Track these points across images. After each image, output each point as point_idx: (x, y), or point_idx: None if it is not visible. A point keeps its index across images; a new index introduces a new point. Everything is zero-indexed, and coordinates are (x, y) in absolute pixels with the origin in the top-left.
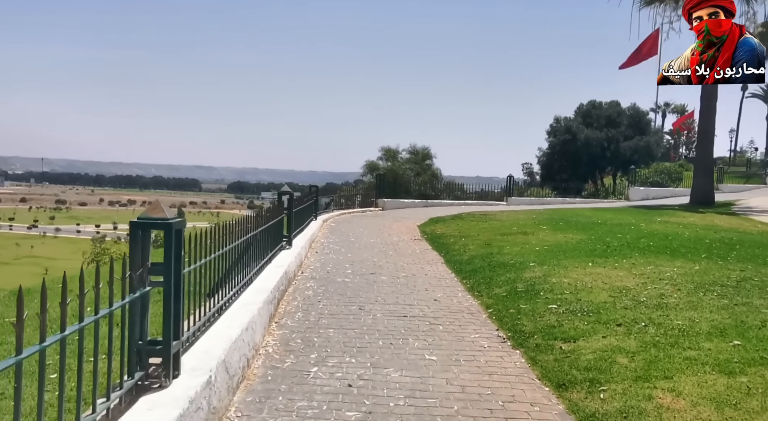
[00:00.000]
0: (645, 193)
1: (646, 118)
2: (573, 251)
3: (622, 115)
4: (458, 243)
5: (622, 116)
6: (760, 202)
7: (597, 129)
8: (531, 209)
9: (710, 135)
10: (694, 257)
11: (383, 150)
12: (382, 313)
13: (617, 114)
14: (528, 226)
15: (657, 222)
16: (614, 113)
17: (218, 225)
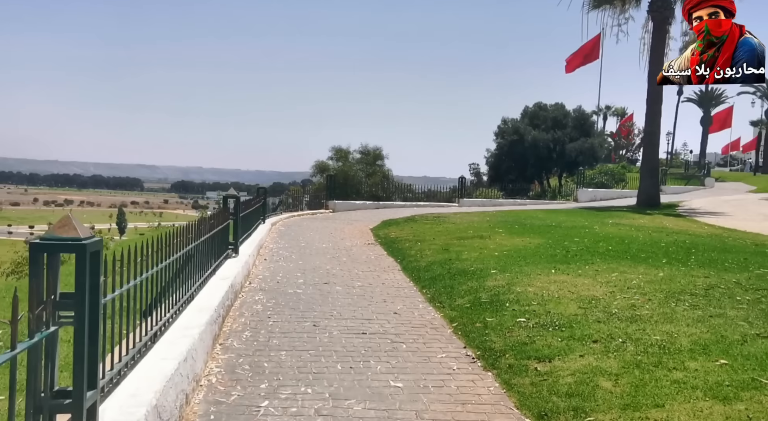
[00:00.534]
0: (593, 194)
1: (590, 120)
2: (533, 256)
3: (567, 117)
4: (414, 248)
5: (568, 118)
6: (702, 203)
7: (544, 131)
8: (484, 211)
9: (656, 138)
10: (656, 262)
11: (334, 150)
12: (338, 330)
13: (563, 116)
14: (484, 229)
15: (609, 224)
16: (560, 115)
17: (153, 238)
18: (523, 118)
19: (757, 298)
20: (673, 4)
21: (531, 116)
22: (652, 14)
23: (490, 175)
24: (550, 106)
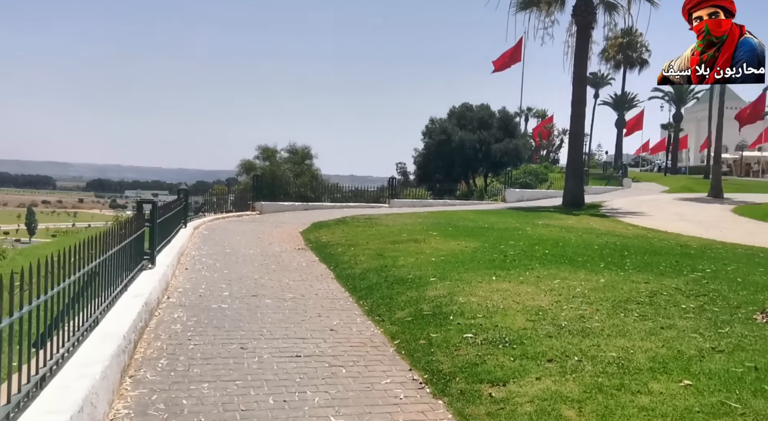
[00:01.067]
0: (520, 194)
1: (515, 121)
2: (471, 261)
3: (493, 118)
4: (347, 253)
5: (493, 119)
6: (623, 203)
7: (470, 131)
8: (415, 212)
9: (580, 139)
10: (594, 267)
11: (260, 149)
12: (269, 352)
13: (489, 117)
14: (417, 232)
15: (540, 226)
16: (486, 116)
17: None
18: (451, 119)
19: (700, 305)
20: (595, 8)
21: (458, 116)
22: (576, 18)
23: (418, 175)
24: (476, 107)
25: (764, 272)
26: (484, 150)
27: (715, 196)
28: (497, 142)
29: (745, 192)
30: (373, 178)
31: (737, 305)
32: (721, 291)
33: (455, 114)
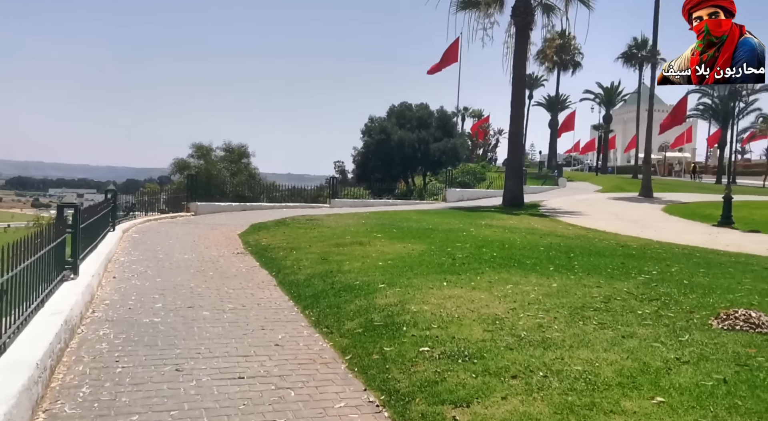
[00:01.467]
0: (461, 194)
1: (453, 121)
2: (420, 265)
3: (431, 118)
4: (290, 257)
5: (432, 118)
6: (560, 203)
7: (409, 130)
8: (356, 212)
9: (520, 139)
10: (544, 270)
11: (195, 147)
12: (209, 374)
13: (428, 116)
14: (361, 234)
15: (483, 226)
16: (425, 115)
17: None
18: (390, 117)
19: (655, 310)
20: (534, 10)
21: (397, 115)
22: (515, 19)
23: (357, 174)
24: (415, 106)
25: (706, 273)
26: (423, 149)
27: (646, 195)
28: (436, 141)
29: (672, 191)
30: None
31: (690, 309)
32: (672, 295)
33: (395, 113)
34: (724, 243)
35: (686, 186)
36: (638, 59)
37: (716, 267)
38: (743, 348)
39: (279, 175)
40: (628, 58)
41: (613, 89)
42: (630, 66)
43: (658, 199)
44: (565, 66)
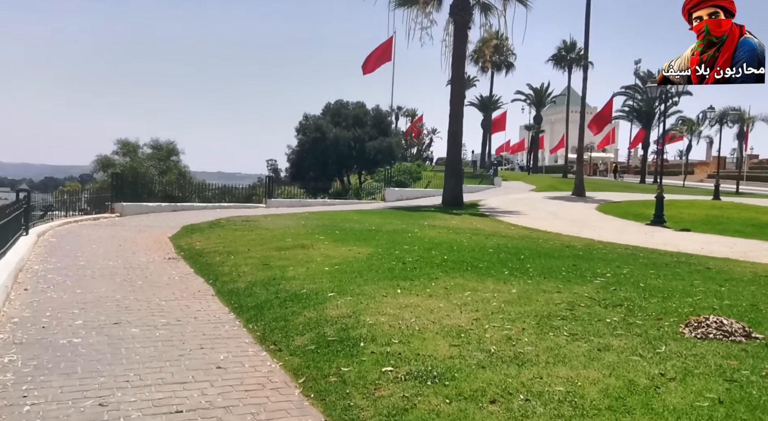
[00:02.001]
0: (399, 193)
1: (388, 119)
2: (369, 271)
3: (367, 116)
4: (227, 263)
5: (368, 117)
6: (498, 202)
7: (345, 128)
8: (294, 213)
9: (459, 138)
10: (499, 274)
11: (120, 143)
12: (140, 409)
13: (363, 114)
14: (302, 236)
15: (427, 227)
16: (361, 113)
17: None
18: (325, 115)
19: (622, 318)
20: (472, 8)
21: (333, 113)
22: (454, 17)
23: (291, 173)
24: (351, 104)
25: (656, 274)
26: (359, 148)
27: (579, 194)
28: (371, 140)
29: (601, 191)
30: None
31: (657, 316)
32: (633, 300)
33: (330, 111)
34: (661, 242)
35: (614, 186)
36: (567, 62)
37: (664, 268)
38: (724, 360)
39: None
40: (558, 60)
41: (542, 90)
42: (560, 68)
43: (591, 199)
44: (499, 67)
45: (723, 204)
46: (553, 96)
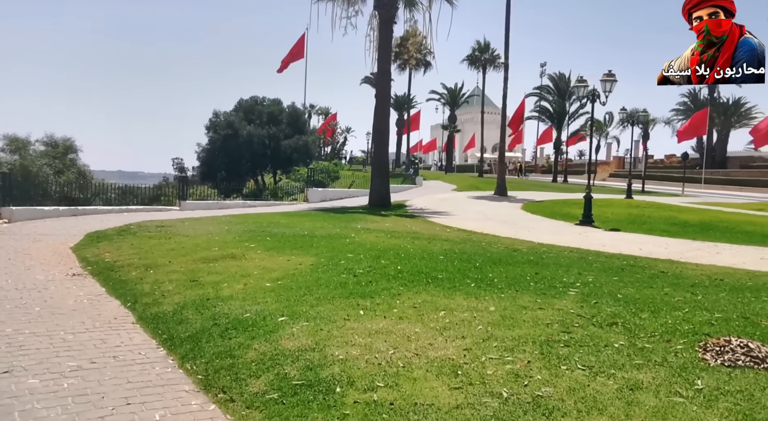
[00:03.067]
0: (323, 194)
1: (304, 117)
2: (318, 286)
3: (283, 114)
4: (147, 279)
5: (283, 114)
6: (424, 202)
7: (259, 126)
8: (213, 216)
9: (385, 136)
10: (465, 287)
11: (8, 139)
12: None
13: (279, 112)
14: (231, 244)
15: (362, 231)
16: (276, 111)
17: None
18: (238, 112)
19: (629, 341)
20: (397, 2)
21: (246, 110)
22: (379, 11)
23: (202, 172)
24: (266, 101)
25: (621, 281)
26: (274, 146)
27: (501, 194)
28: (287, 138)
29: (521, 190)
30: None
31: (662, 337)
32: (623, 315)
33: (243, 107)
34: (599, 243)
35: (532, 185)
36: (482, 62)
37: (623, 274)
38: None
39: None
40: (472, 60)
41: (456, 90)
42: (474, 68)
43: (514, 198)
44: (417, 65)
45: (638, 203)
46: (466, 96)
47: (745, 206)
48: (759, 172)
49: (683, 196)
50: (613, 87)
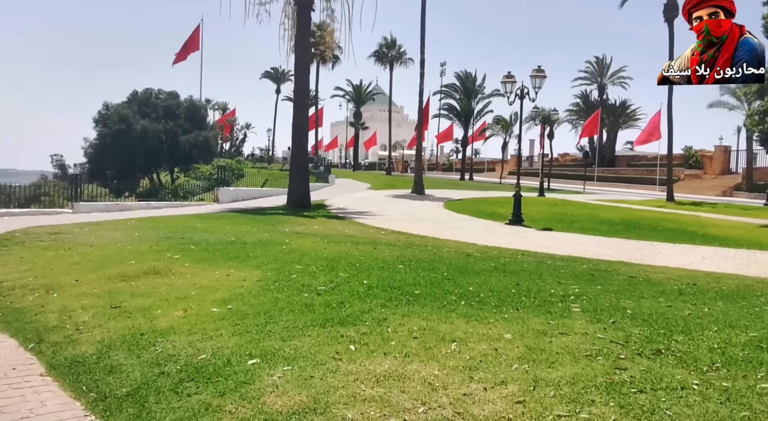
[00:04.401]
0: (234, 194)
1: (203, 112)
2: (278, 309)
3: (180, 108)
4: (51, 306)
5: (181, 108)
6: (345, 202)
7: (155, 120)
8: (115, 219)
9: (305, 132)
10: (455, 305)
11: None
12: None
13: (176, 105)
14: (148, 255)
15: (294, 235)
16: (173, 104)
17: None
18: (131, 105)
19: (703, 379)
20: None
21: (140, 103)
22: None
23: (90, 169)
24: (162, 94)
25: (605, 290)
26: (171, 142)
27: (419, 193)
28: (186, 133)
29: (435, 188)
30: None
31: (731, 370)
32: (655, 338)
33: (137, 100)
34: (542, 245)
35: (443, 183)
36: (389, 59)
37: (598, 281)
38: None
39: None
40: (379, 57)
41: (362, 87)
42: (381, 64)
43: (432, 197)
44: (325, 60)
45: (555, 201)
46: (372, 94)
47: (646, 203)
48: (645, 171)
49: (585, 193)
50: (542, 83)
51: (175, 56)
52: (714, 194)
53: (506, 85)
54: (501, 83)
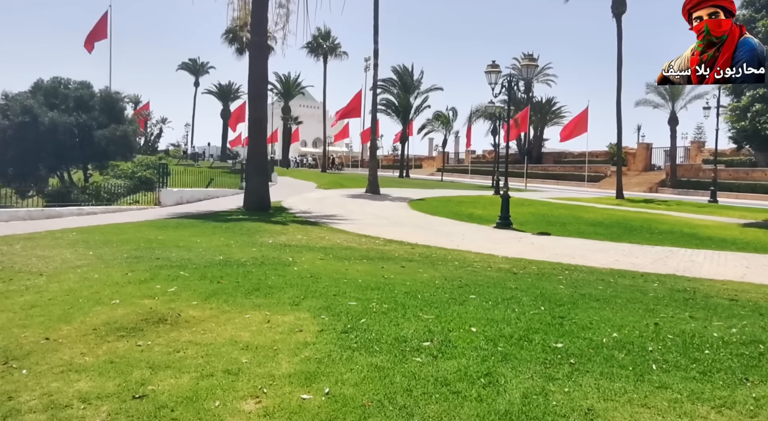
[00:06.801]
0: (179, 195)
1: (121, 104)
2: (405, 392)
3: (94, 99)
4: (22, 396)
5: (95, 100)
6: (302, 204)
7: (65, 112)
8: (50, 231)
9: (264, 126)
10: (617, 368)
11: None
12: None
13: (89, 97)
14: (130, 288)
15: (287, 249)
16: (86, 95)
17: None
18: (36, 95)
19: None
20: None
21: (47, 93)
22: None
23: None
24: (72, 84)
25: (727, 324)
26: (84, 137)
27: (374, 192)
28: (101, 127)
29: (383, 187)
30: None
31: None
32: None
33: (43, 90)
34: (563, 254)
35: (387, 181)
36: (323, 50)
37: (698, 309)
38: None
39: None
40: (312, 49)
41: (291, 81)
42: (314, 57)
43: (389, 197)
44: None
45: (522, 201)
46: (302, 88)
47: (601, 201)
48: (572, 168)
49: (528, 191)
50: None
51: (85, 42)
52: (641, 190)
53: (491, 75)
54: (485, 73)
